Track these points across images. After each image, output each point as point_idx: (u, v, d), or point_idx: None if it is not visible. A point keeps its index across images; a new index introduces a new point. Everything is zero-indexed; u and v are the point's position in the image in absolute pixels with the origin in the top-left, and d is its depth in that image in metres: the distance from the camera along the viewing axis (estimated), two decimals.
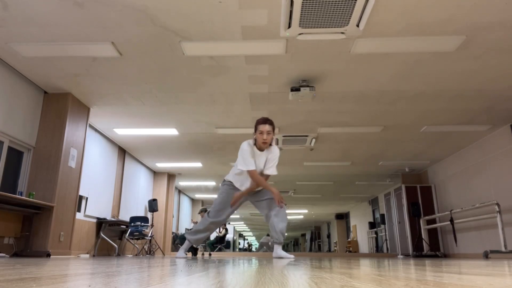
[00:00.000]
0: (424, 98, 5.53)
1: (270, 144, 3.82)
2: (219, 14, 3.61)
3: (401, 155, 8.62)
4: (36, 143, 5.15)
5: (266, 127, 3.68)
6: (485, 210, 7.29)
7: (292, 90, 4.96)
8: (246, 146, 3.75)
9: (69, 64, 4.61)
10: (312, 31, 3.80)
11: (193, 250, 9.08)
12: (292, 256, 4.01)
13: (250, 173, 3.75)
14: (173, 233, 11.60)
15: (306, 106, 5.85)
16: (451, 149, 8.12)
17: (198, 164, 9.53)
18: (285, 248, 45.80)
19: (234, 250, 23.85)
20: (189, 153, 8.51)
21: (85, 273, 1.37)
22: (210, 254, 9.84)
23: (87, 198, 6.59)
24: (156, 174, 10.39)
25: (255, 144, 3.79)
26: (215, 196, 14.57)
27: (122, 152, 8.22)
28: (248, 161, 3.73)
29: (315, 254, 12.04)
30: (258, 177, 3.76)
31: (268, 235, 19.07)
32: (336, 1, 3.30)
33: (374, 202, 14.85)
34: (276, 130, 6.68)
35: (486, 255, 6.52)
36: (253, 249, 38.94)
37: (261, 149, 3.80)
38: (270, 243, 19.11)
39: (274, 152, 3.84)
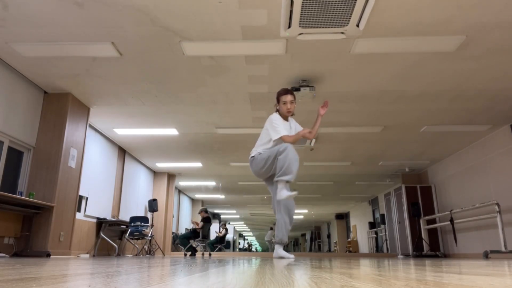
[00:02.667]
0: (424, 98, 5.53)
1: (292, 114, 3.85)
2: (219, 14, 3.61)
3: (401, 155, 8.62)
4: (36, 143, 5.15)
5: (289, 97, 3.68)
6: (485, 210, 7.29)
7: (292, 90, 4.96)
8: (276, 116, 3.73)
9: (69, 64, 4.61)
10: (312, 31, 3.80)
11: (193, 250, 9.08)
12: (292, 256, 3.97)
13: (283, 138, 3.68)
14: (173, 233, 11.60)
15: (306, 106, 5.85)
16: (451, 149, 8.12)
17: (198, 164, 9.53)
18: (285, 248, 45.77)
19: (234, 250, 23.84)
20: (189, 153, 8.51)
21: (85, 273, 1.37)
22: (210, 254, 9.84)
23: (87, 198, 6.59)
24: (156, 174, 10.38)
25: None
26: (215, 196, 14.57)
27: (122, 152, 8.22)
28: (279, 128, 3.68)
29: (315, 254, 12.04)
30: (292, 137, 3.70)
31: (271, 229, 18.98)
32: (336, 1, 3.30)
33: (374, 202, 14.85)
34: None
35: (486, 255, 6.52)
36: (253, 249, 38.93)
37: (286, 119, 3.83)
38: (272, 239, 19.04)
39: (294, 120, 3.96)
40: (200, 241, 9.27)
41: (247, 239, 39.59)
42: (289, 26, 3.73)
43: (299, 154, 8.62)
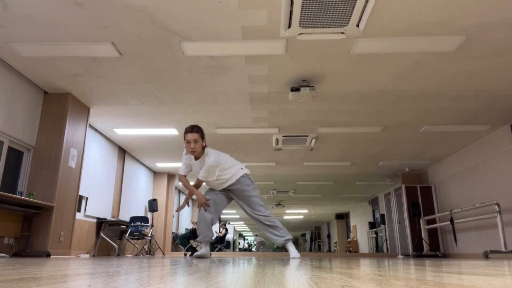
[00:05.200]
0: (424, 98, 5.53)
1: (205, 148, 3.85)
2: (219, 14, 3.61)
3: (401, 155, 8.62)
4: (36, 143, 5.15)
5: (191, 136, 3.68)
6: (485, 210, 7.29)
7: (292, 90, 4.96)
8: (184, 153, 3.93)
9: (69, 64, 4.61)
10: (312, 31, 3.80)
11: (193, 250, 9.09)
12: (298, 254, 4.10)
13: (179, 177, 4.01)
14: (173, 233, 11.60)
15: (306, 106, 5.85)
16: (451, 149, 8.12)
17: None
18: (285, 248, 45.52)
19: (234, 250, 23.84)
20: None
21: (85, 273, 1.37)
22: (210, 254, 9.83)
23: (87, 198, 6.59)
24: (156, 174, 10.38)
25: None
26: None
27: (122, 152, 8.22)
28: (181, 166, 3.98)
29: (315, 254, 12.03)
30: (184, 182, 3.99)
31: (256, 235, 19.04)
32: (336, 1, 3.30)
33: (374, 202, 14.85)
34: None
35: (486, 255, 6.52)
36: (253, 249, 38.90)
37: (196, 158, 3.87)
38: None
39: (207, 161, 3.81)
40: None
41: (247, 239, 39.57)
42: (289, 26, 3.73)
43: (299, 154, 8.64)
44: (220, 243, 11.17)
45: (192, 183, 4.11)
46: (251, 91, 5.35)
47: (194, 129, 3.70)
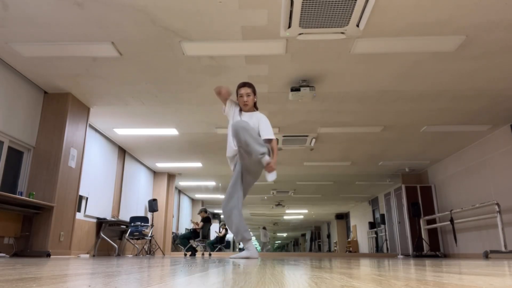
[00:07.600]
0: (424, 98, 5.53)
1: (256, 108, 3.77)
2: (219, 14, 3.61)
3: (401, 155, 8.62)
4: (36, 143, 5.15)
5: (244, 90, 3.65)
6: (485, 210, 7.29)
7: (292, 90, 4.96)
8: (228, 104, 3.74)
9: (69, 64, 4.61)
10: (312, 31, 3.80)
11: (193, 250, 9.09)
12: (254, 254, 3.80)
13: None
14: (173, 233, 11.60)
15: (306, 106, 5.85)
16: (451, 149, 8.12)
17: (198, 164, 9.53)
18: (285, 248, 45.54)
19: (234, 250, 23.84)
20: (189, 153, 8.51)
21: (85, 273, 1.37)
22: (210, 254, 9.84)
23: (87, 198, 6.59)
24: (156, 174, 10.38)
25: (240, 110, 3.73)
26: (215, 196, 14.57)
27: (122, 152, 8.22)
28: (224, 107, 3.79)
29: (315, 254, 12.03)
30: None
31: (264, 228, 18.94)
32: (336, 1, 3.30)
33: (374, 202, 14.85)
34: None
35: (486, 255, 6.52)
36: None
37: (246, 111, 3.74)
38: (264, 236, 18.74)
39: (261, 117, 3.70)
40: (200, 241, 9.27)
41: None
42: (289, 26, 3.73)
43: (299, 154, 8.65)
44: (220, 243, 11.18)
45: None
46: None
47: (246, 84, 3.70)
